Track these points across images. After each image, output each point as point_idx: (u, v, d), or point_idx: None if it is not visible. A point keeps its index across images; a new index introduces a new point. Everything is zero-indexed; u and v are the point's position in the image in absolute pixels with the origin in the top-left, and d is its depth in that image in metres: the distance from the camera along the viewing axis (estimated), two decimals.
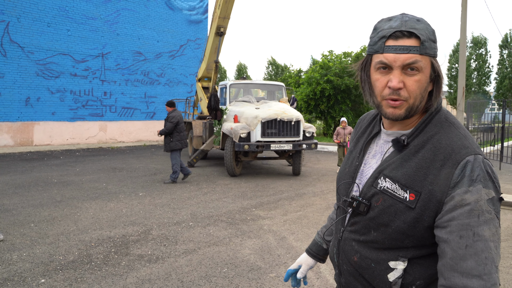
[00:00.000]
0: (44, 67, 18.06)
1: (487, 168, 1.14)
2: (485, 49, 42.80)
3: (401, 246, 1.23)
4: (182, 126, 9.62)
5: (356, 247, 1.33)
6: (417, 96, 1.20)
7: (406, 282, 1.23)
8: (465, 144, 1.18)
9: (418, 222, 1.17)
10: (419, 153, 1.21)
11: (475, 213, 1.10)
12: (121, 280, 4.15)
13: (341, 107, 23.14)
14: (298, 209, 7.28)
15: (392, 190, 1.22)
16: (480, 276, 1.08)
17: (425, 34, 1.18)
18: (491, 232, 1.10)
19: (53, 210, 6.97)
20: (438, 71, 1.22)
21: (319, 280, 4.23)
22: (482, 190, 1.11)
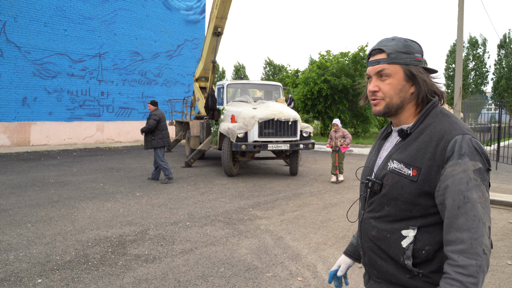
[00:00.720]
0: (41, 67, 18.03)
1: (474, 144, 1.39)
2: (483, 49, 42.91)
3: (410, 216, 1.47)
4: (164, 124, 9.73)
5: (373, 223, 1.59)
6: (393, 96, 1.54)
7: (416, 248, 1.45)
8: (455, 127, 1.44)
9: (421, 192, 1.43)
10: (419, 138, 1.49)
11: (464, 180, 1.35)
12: (118, 280, 4.16)
13: (338, 107, 23.16)
14: (295, 209, 7.29)
15: (398, 169, 1.50)
16: (468, 230, 1.33)
17: (392, 48, 1.53)
18: (478, 195, 1.35)
19: (50, 210, 6.97)
20: (414, 73, 1.52)
21: (316, 280, 4.24)
22: (469, 162, 1.36)
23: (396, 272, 1.51)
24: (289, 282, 4.16)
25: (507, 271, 4.61)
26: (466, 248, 1.31)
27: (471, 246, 1.31)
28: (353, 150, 17.86)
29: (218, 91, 12.47)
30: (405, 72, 1.52)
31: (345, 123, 24.75)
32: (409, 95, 1.54)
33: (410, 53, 1.53)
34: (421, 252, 1.44)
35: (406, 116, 1.58)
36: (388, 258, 1.53)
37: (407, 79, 1.53)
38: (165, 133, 9.76)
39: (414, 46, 1.55)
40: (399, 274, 1.50)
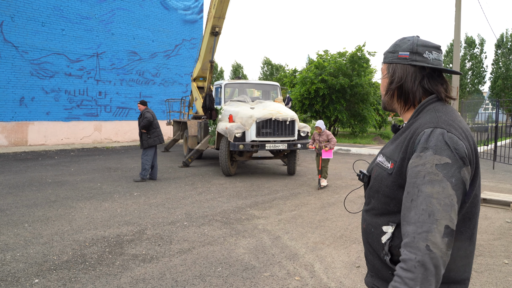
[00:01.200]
0: (39, 66, 17.98)
1: (446, 139, 1.35)
2: (480, 49, 43.00)
3: (390, 211, 1.49)
4: (157, 122, 9.89)
5: (364, 216, 1.63)
6: (382, 92, 1.66)
7: (394, 245, 1.46)
8: (432, 121, 1.43)
9: (395, 185, 1.45)
10: (403, 133, 1.52)
11: (421, 173, 1.32)
12: (115, 279, 4.15)
13: (335, 106, 23.16)
14: (292, 209, 7.30)
15: (381, 162, 1.56)
16: (414, 223, 1.27)
17: (386, 50, 1.65)
18: (435, 190, 1.28)
19: (48, 210, 6.96)
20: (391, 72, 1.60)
21: (313, 279, 4.25)
22: (432, 156, 1.33)
23: (380, 267, 1.54)
24: (287, 282, 4.17)
25: (504, 270, 4.62)
26: (409, 241, 1.26)
27: (413, 240, 1.25)
28: (351, 150, 17.88)
29: (216, 91, 12.47)
30: (387, 69, 1.62)
31: (343, 123, 24.75)
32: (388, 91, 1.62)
33: (394, 52, 1.60)
34: (398, 250, 1.43)
35: (408, 113, 1.62)
36: (374, 253, 1.56)
37: (388, 76, 1.62)
38: (159, 131, 9.91)
39: (402, 44, 1.59)
40: (383, 270, 1.52)
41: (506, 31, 43.43)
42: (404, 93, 1.57)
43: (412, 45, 1.56)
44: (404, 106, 1.61)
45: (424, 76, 1.56)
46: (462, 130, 1.43)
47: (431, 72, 1.57)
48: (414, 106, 1.59)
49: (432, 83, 1.56)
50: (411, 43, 1.57)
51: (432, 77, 1.57)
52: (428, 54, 1.55)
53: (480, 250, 5.29)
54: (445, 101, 1.57)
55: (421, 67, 1.55)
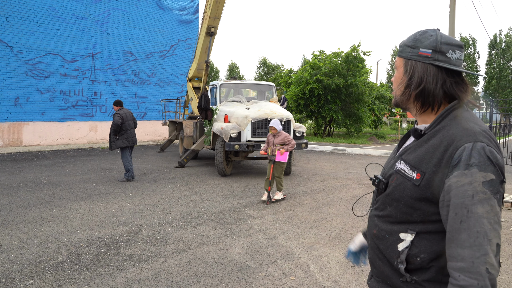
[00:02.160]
0: (34, 67, 17.93)
1: (488, 153, 1.28)
2: (474, 49, 43.22)
3: (410, 220, 1.42)
4: (128, 124, 9.83)
5: (376, 222, 1.56)
6: (396, 88, 1.55)
7: (411, 253, 1.41)
8: (468, 133, 1.34)
9: (422, 197, 1.37)
10: (430, 141, 1.41)
11: (469, 193, 1.25)
12: (110, 280, 4.15)
13: (331, 106, 23.22)
14: (288, 209, 7.31)
15: (404, 170, 1.45)
16: (470, 247, 1.22)
17: (403, 42, 1.54)
18: (485, 210, 1.23)
19: (42, 210, 6.94)
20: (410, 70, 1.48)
21: (308, 279, 4.26)
22: (477, 173, 1.26)
23: (391, 275, 1.49)
24: (282, 282, 4.18)
25: None
26: (467, 266, 1.21)
27: (472, 265, 1.20)
28: (346, 150, 17.92)
29: (211, 91, 12.47)
30: (404, 65, 1.51)
31: (338, 122, 24.81)
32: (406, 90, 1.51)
33: (414, 47, 1.48)
34: (416, 259, 1.40)
35: (425, 117, 1.52)
36: (384, 259, 1.51)
37: (405, 73, 1.50)
38: (130, 133, 9.83)
39: (425, 40, 1.46)
40: (394, 277, 1.48)
41: (499, 31, 43.61)
42: (423, 95, 1.46)
43: (436, 42, 1.45)
44: (421, 108, 1.50)
45: (446, 78, 1.45)
46: (495, 142, 1.38)
47: (453, 73, 1.47)
48: (432, 109, 1.49)
49: (454, 87, 1.46)
50: (434, 39, 1.45)
51: (455, 80, 1.46)
52: (452, 54, 1.44)
53: None
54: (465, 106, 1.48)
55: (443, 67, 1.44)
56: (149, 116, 22.46)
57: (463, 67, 1.51)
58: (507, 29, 45.32)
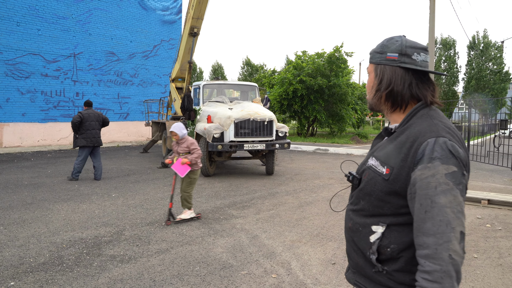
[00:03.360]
0: (14, 67, 17.69)
1: (450, 147, 1.38)
2: (454, 50, 43.92)
3: (381, 213, 1.51)
4: (89, 124, 9.93)
5: (351, 215, 1.65)
6: (368, 92, 1.66)
7: (382, 244, 1.49)
8: (432, 129, 1.43)
9: (391, 191, 1.46)
10: (398, 138, 1.51)
11: (432, 184, 1.33)
12: (93, 280, 4.17)
13: (314, 107, 23.39)
14: (270, 208, 7.38)
15: (375, 166, 1.55)
16: (434, 235, 1.30)
17: (372, 49, 1.65)
18: (448, 200, 1.32)
19: (24, 212, 6.89)
20: (379, 74, 1.60)
21: (290, 277, 4.33)
22: (440, 166, 1.34)
23: (364, 266, 1.57)
24: (264, 279, 4.24)
25: (473, 264, 4.79)
26: (431, 253, 1.29)
27: (436, 252, 1.29)
28: (329, 150, 18.08)
29: (194, 92, 12.49)
30: (374, 70, 1.61)
31: (321, 122, 24.99)
32: (377, 93, 1.61)
33: (382, 52, 1.58)
34: (386, 249, 1.47)
35: (396, 117, 1.62)
36: (359, 251, 1.59)
37: (376, 77, 1.60)
38: (90, 133, 9.90)
39: (391, 45, 1.57)
40: (367, 268, 1.56)
41: (477, 33, 44.39)
42: (392, 95, 1.57)
43: (401, 46, 1.55)
44: (391, 108, 1.61)
45: (413, 79, 1.55)
46: (458, 137, 1.47)
47: (420, 74, 1.57)
48: (401, 108, 1.59)
49: (420, 87, 1.55)
50: (400, 44, 1.56)
51: (421, 80, 1.56)
52: (417, 56, 1.55)
53: None
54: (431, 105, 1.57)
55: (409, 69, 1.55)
56: (132, 116, 22.33)
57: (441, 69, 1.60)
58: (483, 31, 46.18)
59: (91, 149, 10.04)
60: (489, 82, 41.62)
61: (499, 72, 41.62)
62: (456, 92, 44.61)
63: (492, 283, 4.27)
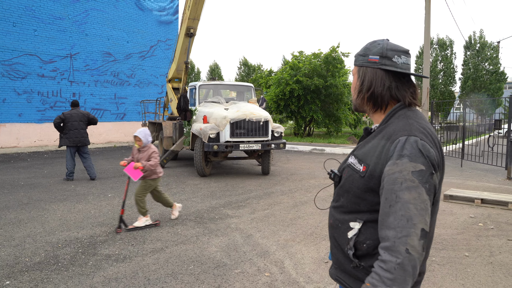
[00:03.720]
0: (10, 67, 17.71)
1: (420, 146, 1.43)
2: (451, 50, 44.04)
3: (359, 210, 1.56)
4: (71, 124, 10.01)
5: (332, 212, 1.71)
6: (353, 93, 1.71)
7: (359, 240, 1.55)
8: (406, 128, 1.50)
9: (367, 188, 1.52)
10: (376, 137, 1.58)
11: (398, 180, 1.39)
12: (88, 279, 4.21)
13: (310, 107, 23.46)
14: (265, 208, 7.43)
15: (353, 164, 1.61)
16: (395, 228, 1.36)
17: (357, 52, 1.69)
18: (412, 196, 1.37)
19: (20, 212, 6.93)
20: (362, 76, 1.65)
21: (282, 275, 4.39)
22: (408, 163, 1.40)
23: (344, 261, 1.63)
24: (257, 278, 4.30)
25: (464, 262, 4.85)
26: (390, 245, 1.35)
27: (394, 244, 1.34)
28: (325, 150, 18.15)
29: (190, 92, 12.54)
30: (357, 72, 1.67)
31: (318, 122, 25.07)
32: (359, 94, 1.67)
33: (365, 55, 1.64)
34: (363, 245, 1.53)
35: (377, 117, 1.68)
36: (339, 247, 1.65)
37: (358, 79, 1.66)
38: (72, 133, 9.98)
39: (373, 48, 1.62)
40: (345, 263, 1.62)
41: (473, 33, 44.57)
42: (373, 96, 1.62)
43: (382, 49, 1.60)
44: (373, 108, 1.66)
45: (392, 81, 1.60)
46: (431, 138, 1.52)
47: (400, 76, 1.61)
48: (381, 109, 1.65)
49: (399, 89, 1.60)
50: (381, 47, 1.61)
51: (401, 82, 1.61)
52: (397, 59, 1.59)
53: (443, 244, 5.51)
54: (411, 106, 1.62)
55: (390, 71, 1.60)
56: (129, 117, 22.36)
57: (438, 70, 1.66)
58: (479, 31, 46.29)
59: (75, 149, 10.11)
60: (485, 82, 41.78)
61: (495, 72, 41.78)
62: (452, 92, 44.72)
63: (482, 280, 4.33)
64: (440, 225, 6.44)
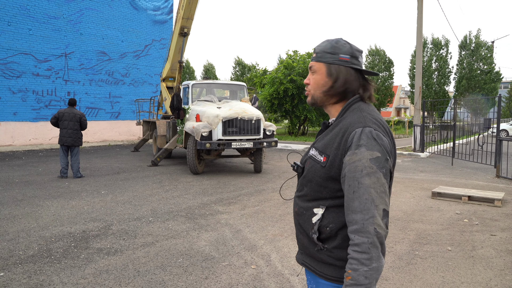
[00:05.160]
0: (5, 66, 17.76)
1: (374, 136, 1.56)
2: (446, 50, 44.23)
3: (321, 197, 1.68)
4: (64, 123, 10.15)
5: (297, 201, 1.82)
6: (316, 89, 1.77)
7: (322, 224, 1.67)
8: (361, 120, 1.62)
9: (328, 177, 1.63)
10: (333, 130, 1.69)
11: (359, 168, 1.51)
12: (80, 271, 4.34)
13: (304, 106, 23.63)
14: (256, 204, 7.58)
15: (314, 155, 1.73)
16: (361, 211, 1.49)
17: (320, 49, 1.76)
18: (372, 181, 1.50)
19: (14, 208, 7.04)
20: (334, 73, 1.72)
21: (268, 267, 4.53)
22: (365, 152, 1.53)
23: (308, 245, 1.74)
24: (243, 270, 4.44)
25: (446, 256, 5.00)
26: (359, 227, 1.46)
27: (363, 226, 1.46)
28: None
29: (183, 91, 12.66)
30: (327, 69, 1.72)
31: (312, 121, 25.24)
32: (330, 90, 1.74)
33: (334, 53, 1.72)
34: (326, 229, 1.65)
35: (334, 111, 1.78)
36: (304, 232, 1.76)
37: (328, 76, 1.72)
38: (62, 132, 10.13)
39: (342, 48, 1.72)
40: (310, 247, 1.73)
41: (469, 33, 44.81)
42: (345, 93, 1.72)
43: (351, 49, 1.71)
44: (335, 103, 1.77)
45: (360, 78, 1.73)
46: (383, 128, 1.65)
47: (361, 73, 1.75)
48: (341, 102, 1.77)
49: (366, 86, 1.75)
50: (350, 47, 1.72)
51: (363, 78, 1.76)
52: (360, 58, 1.73)
53: (427, 239, 5.66)
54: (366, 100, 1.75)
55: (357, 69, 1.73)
56: (124, 116, 22.45)
57: (432, 69, 1.81)
58: (476, 30, 46.52)
59: (66, 148, 10.24)
60: (479, 82, 42.02)
61: (489, 72, 42.04)
62: (447, 91, 44.94)
63: (461, 273, 4.48)
64: (426, 221, 6.59)
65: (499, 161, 11.21)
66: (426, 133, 17.54)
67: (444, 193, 8.38)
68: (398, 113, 74.07)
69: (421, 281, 4.27)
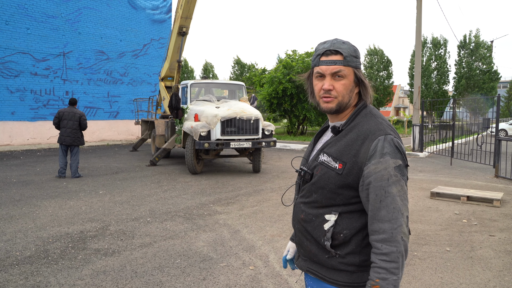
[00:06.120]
0: (3, 66, 17.72)
1: (396, 144, 1.58)
2: (444, 50, 44.24)
3: (334, 204, 1.66)
4: (63, 122, 10.17)
5: (303, 208, 1.77)
6: (344, 95, 1.69)
7: (336, 231, 1.65)
8: (380, 127, 1.62)
9: (344, 184, 1.61)
10: (347, 136, 1.65)
11: (385, 177, 1.52)
12: (77, 272, 4.32)
13: (303, 105, 23.61)
14: (254, 204, 7.56)
15: (327, 162, 1.67)
16: (389, 221, 1.50)
17: (347, 51, 1.67)
18: (397, 190, 1.53)
19: (11, 208, 7.01)
20: (361, 77, 1.70)
21: (266, 268, 4.51)
22: (390, 160, 1.54)
23: (317, 252, 1.71)
24: (241, 271, 4.42)
25: (445, 256, 4.99)
26: (387, 237, 1.48)
27: (391, 235, 1.48)
28: None
29: (182, 91, 12.63)
30: (355, 74, 1.69)
31: (311, 121, 25.22)
32: (355, 96, 1.71)
33: (358, 57, 1.70)
34: (340, 235, 1.63)
35: (343, 115, 1.74)
36: (312, 239, 1.72)
37: (356, 81, 1.69)
38: (64, 131, 10.16)
39: (358, 51, 1.72)
40: (320, 254, 1.70)
41: (469, 32, 44.83)
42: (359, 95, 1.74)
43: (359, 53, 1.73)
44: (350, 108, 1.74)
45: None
46: (397, 133, 1.66)
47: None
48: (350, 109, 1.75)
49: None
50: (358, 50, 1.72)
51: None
52: None
53: (426, 239, 5.65)
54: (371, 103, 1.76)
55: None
56: (122, 115, 22.41)
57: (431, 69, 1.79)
58: (475, 30, 46.52)
59: (66, 147, 10.24)
60: (478, 81, 42.04)
61: (488, 71, 42.05)
62: (446, 91, 44.95)
63: (460, 274, 4.47)
64: (425, 221, 6.58)
65: (498, 161, 11.21)
66: (425, 133, 17.55)
67: (443, 193, 8.37)
68: (397, 112, 74.13)
69: (419, 282, 4.25)
